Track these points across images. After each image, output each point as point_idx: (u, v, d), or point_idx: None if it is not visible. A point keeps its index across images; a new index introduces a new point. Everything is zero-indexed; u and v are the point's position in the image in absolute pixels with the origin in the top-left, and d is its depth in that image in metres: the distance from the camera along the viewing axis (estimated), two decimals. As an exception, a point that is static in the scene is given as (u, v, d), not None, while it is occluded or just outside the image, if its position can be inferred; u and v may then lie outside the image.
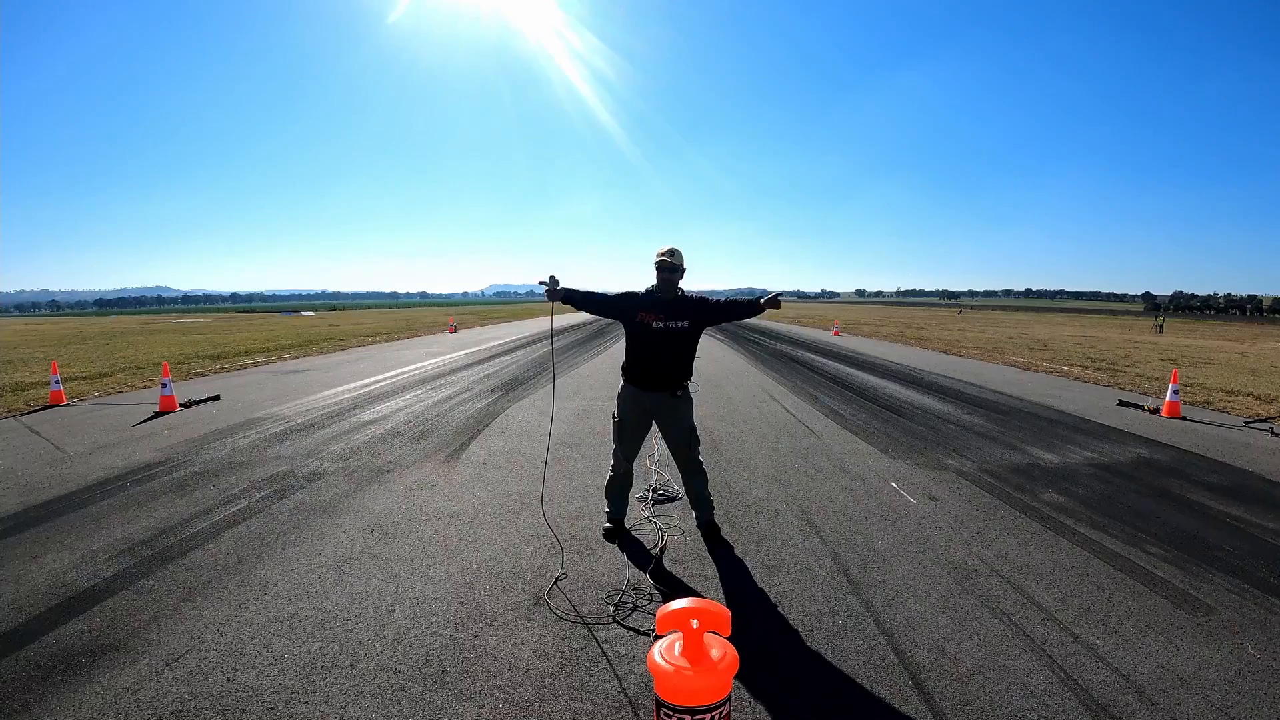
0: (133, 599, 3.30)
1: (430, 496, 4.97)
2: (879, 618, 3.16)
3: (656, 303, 3.98)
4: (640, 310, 3.96)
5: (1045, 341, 23.94)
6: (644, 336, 3.98)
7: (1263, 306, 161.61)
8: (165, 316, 66.46)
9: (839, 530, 4.31)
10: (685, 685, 1.79)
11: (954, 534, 4.26)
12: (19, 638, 2.94)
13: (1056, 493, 5.20)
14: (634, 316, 3.97)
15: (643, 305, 3.98)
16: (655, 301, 3.98)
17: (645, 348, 3.99)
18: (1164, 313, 66.73)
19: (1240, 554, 3.99)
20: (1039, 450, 6.61)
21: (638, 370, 4.03)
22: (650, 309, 3.96)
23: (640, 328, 3.97)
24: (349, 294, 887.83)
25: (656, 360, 3.98)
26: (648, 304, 3.98)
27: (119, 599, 3.30)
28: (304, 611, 3.17)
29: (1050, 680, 2.66)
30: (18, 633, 2.98)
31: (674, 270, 3.95)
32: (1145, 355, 18.25)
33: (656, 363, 3.98)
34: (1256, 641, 2.98)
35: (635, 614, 3.18)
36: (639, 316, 3.96)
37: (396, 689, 2.57)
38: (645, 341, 3.98)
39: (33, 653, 2.81)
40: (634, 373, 4.04)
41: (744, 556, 3.88)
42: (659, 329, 3.94)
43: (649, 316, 3.95)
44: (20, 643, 2.89)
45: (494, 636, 2.97)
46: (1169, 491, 5.28)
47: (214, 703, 2.48)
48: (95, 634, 2.97)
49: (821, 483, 5.38)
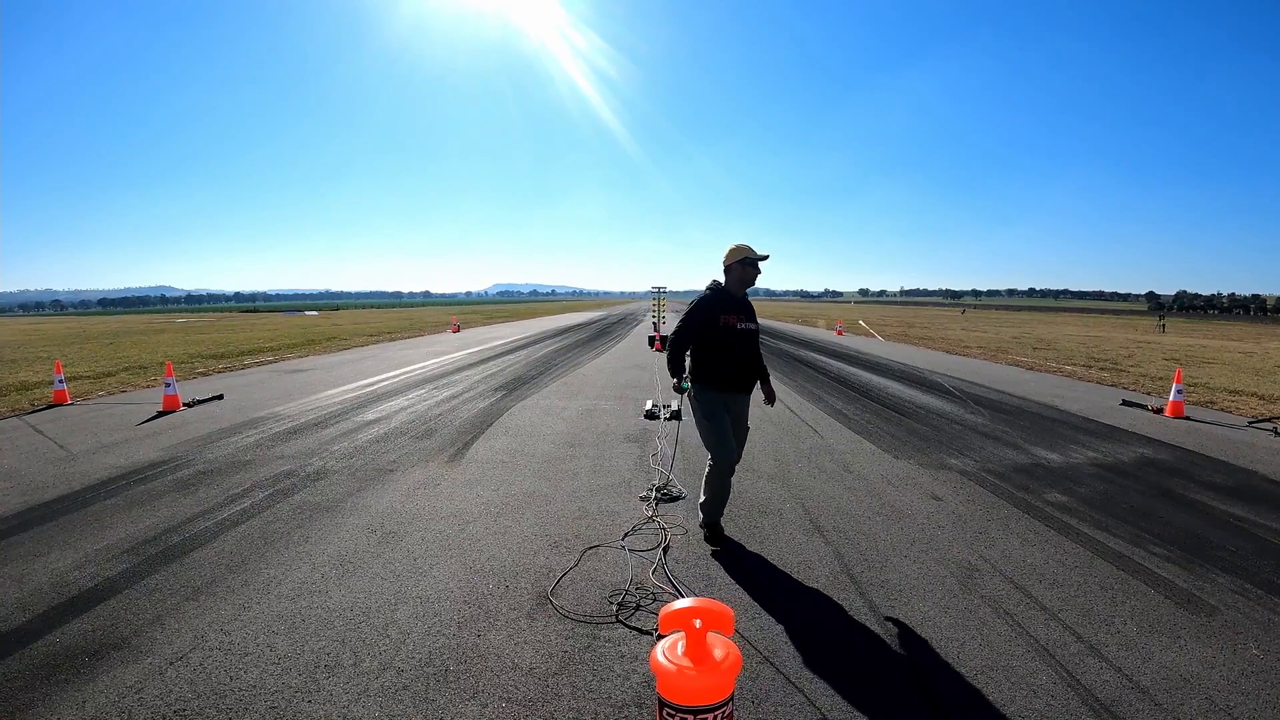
0: (136, 598, 3.31)
1: (433, 496, 4.98)
2: (882, 618, 3.15)
3: (737, 304, 4.03)
4: (722, 314, 3.96)
5: (1049, 341, 23.88)
6: (729, 338, 3.96)
7: (1266, 306, 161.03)
8: (169, 316, 66.61)
9: (842, 530, 4.30)
10: (688, 685, 1.79)
11: (957, 534, 4.26)
12: (23, 636, 2.95)
13: (1060, 493, 5.19)
14: (717, 321, 3.95)
15: (724, 308, 3.98)
16: (735, 303, 4.02)
17: (733, 349, 3.98)
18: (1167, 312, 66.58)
19: (1244, 554, 3.97)
20: (1042, 450, 6.59)
21: (727, 372, 3.99)
22: (732, 311, 3.99)
23: (726, 331, 3.95)
24: (352, 293, 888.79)
25: (746, 361, 4.01)
26: (729, 306, 4.00)
27: (122, 598, 3.31)
28: (307, 611, 3.18)
29: (1053, 680, 2.66)
30: (22, 631, 2.99)
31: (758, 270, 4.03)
32: (1149, 355, 18.20)
33: (746, 363, 4.02)
34: (1260, 642, 2.97)
35: (638, 613, 3.18)
36: (723, 320, 3.95)
37: (399, 688, 2.58)
38: (731, 343, 3.97)
39: (36, 651, 2.82)
40: (719, 374, 3.99)
41: (747, 556, 3.88)
42: (744, 330, 3.96)
43: (733, 319, 3.96)
44: (24, 641, 2.90)
45: (497, 636, 2.97)
46: (1172, 491, 5.26)
47: (217, 701, 2.48)
48: (99, 633, 2.98)
49: (825, 482, 5.37)
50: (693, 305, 4.07)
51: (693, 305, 4.07)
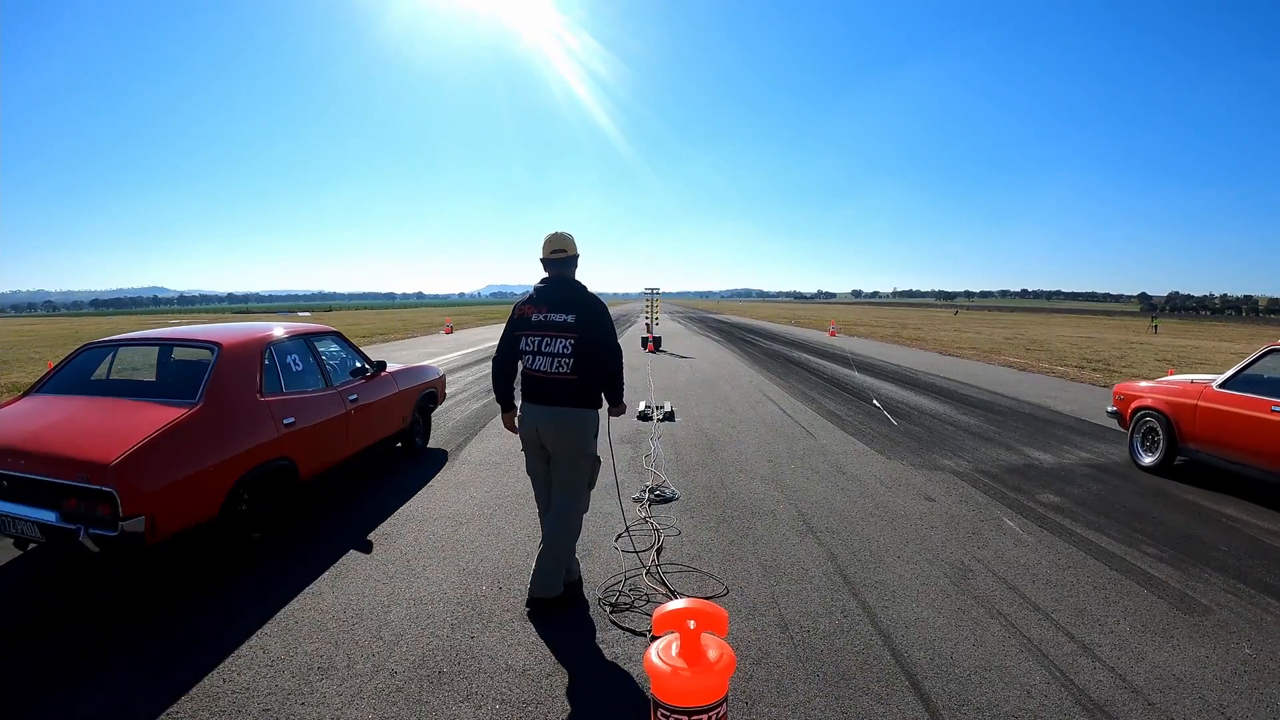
0: (130, 599, 3.29)
1: (426, 497, 4.96)
2: (875, 618, 3.16)
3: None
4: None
5: (1041, 342, 24.00)
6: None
7: (1259, 307, 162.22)
8: (161, 317, 66.28)
9: (836, 531, 4.31)
10: (682, 685, 1.79)
11: (950, 534, 4.27)
12: (17, 637, 2.92)
13: (1053, 493, 5.21)
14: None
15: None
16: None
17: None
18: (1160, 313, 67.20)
19: (1237, 554, 4.00)
20: (1035, 451, 6.62)
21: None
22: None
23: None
24: (345, 294, 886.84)
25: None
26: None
27: (117, 599, 3.29)
28: (300, 612, 3.16)
29: (1047, 680, 2.66)
30: (16, 632, 2.97)
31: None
32: (1141, 356, 18.31)
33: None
34: (1253, 641, 2.99)
35: (632, 614, 3.18)
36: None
37: (393, 690, 2.57)
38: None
39: (31, 653, 2.80)
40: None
41: (740, 557, 3.88)
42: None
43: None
44: (18, 642, 2.88)
45: (490, 637, 2.96)
46: (1165, 491, 5.29)
47: (210, 704, 2.47)
48: (93, 634, 2.95)
49: (818, 483, 5.38)
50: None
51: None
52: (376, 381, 5.45)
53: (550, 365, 3.18)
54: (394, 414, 5.72)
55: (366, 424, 5.16)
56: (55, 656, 2.78)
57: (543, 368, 3.20)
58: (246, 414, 3.89)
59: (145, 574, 3.57)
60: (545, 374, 3.19)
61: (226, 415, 3.75)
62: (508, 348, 3.38)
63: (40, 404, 3.84)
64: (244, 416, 3.86)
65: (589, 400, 3.24)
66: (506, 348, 3.39)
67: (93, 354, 4.31)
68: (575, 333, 3.16)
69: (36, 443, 3.26)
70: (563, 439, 3.20)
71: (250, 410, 3.93)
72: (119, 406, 3.69)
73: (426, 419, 6.65)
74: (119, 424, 3.40)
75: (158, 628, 3.02)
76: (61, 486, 3.09)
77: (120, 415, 3.54)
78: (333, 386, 4.83)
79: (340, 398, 4.84)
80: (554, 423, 3.19)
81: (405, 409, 5.95)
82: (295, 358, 4.63)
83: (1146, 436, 6.08)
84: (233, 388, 3.90)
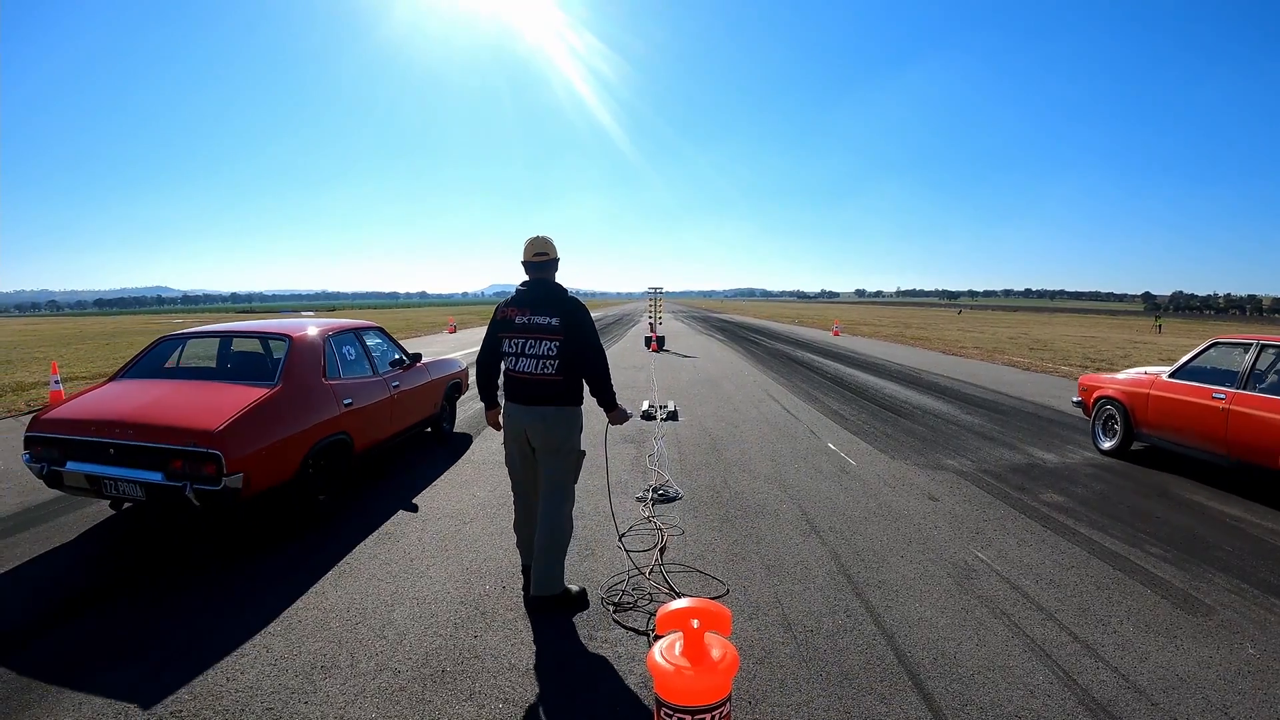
0: (132, 598, 3.30)
1: (430, 496, 4.97)
2: (879, 618, 3.16)
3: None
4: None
5: (1045, 342, 23.95)
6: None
7: (1262, 306, 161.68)
8: (165, 316, 66.47)
9: (839, 530, 4.30)
10: (685, 685, 1.79)
11: (953, 534, 4.26)
12: (20, 637, 2.93)
13: (1056, 492, 5.20)
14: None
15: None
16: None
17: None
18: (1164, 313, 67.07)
19: (1240, 554, 3.99)
20: (1038, 450, 6.61)
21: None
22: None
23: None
24: (349, 294, 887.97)
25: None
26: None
27: (119, 598, 3.30)
28: (303, 611, 3.17)
29: (1050, 680, 2.66)
30: (18, 632, 2.98)
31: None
32: (1145, 355, 18.25)
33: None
34: (1256, 641, 2.98)
35: (635, 614, 3.18)
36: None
37: (396, 689, 2.57)
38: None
39: (33, 652, 2.81)
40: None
41: (744, 556, 3.88)
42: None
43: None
44: (21, 642, 2.89)
45: (494, 636, 2.97)
46: (1169, 491, 5.28)
47: (214, 702, 2.47)
48: (95, 633, 2.96)
49: (821, 483, 5.38)
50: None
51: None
52: (413, 370, 6.10)
53: (535, 367, 3.22)
54: (428, 400, 6.34)
55: (406, 407, 5.81)
56: (57, 655, 2.79)
57: (527, 369, 3.23)
58: (316, 394, 4.50)
59: (144, 574, 3.59)
60: (530, 375, 3.23)
61: (301, 395, 4.36)
62: (490, 350, 3.43)
63: (131, 387, 4.37)
64: (314, 396, 4.48)
65: (573, 399, 3.30)
66: (489, 350, 3.44)
67: (168, 345, 4.93)
68: (559, 335, 3.20)
69: (143, 416, 3.80)
70: (551, 437, 3.25)
71: (318, 391, 4.54)
72: (205, 387, 4.28)
73: (453, 406, 7.17)
74: (213, 401, 3.97)
75: (158, 627, 3.03)
76: (169, 451, 3.64)
77: (211, 394, 4.13)
78: (378, 374, 5.45)
79: (385, 384, 5.46)
80: (542, 422, 3.24)
81: (437, 396, 6.59)
82: (349, 348, 5.25)
83: (1106, 423, 6.57)
84: (304, 372, 4.52)
